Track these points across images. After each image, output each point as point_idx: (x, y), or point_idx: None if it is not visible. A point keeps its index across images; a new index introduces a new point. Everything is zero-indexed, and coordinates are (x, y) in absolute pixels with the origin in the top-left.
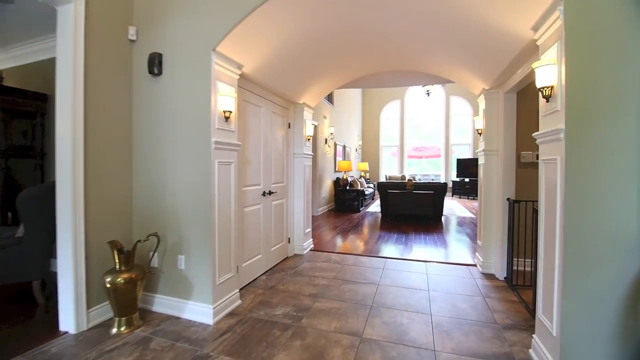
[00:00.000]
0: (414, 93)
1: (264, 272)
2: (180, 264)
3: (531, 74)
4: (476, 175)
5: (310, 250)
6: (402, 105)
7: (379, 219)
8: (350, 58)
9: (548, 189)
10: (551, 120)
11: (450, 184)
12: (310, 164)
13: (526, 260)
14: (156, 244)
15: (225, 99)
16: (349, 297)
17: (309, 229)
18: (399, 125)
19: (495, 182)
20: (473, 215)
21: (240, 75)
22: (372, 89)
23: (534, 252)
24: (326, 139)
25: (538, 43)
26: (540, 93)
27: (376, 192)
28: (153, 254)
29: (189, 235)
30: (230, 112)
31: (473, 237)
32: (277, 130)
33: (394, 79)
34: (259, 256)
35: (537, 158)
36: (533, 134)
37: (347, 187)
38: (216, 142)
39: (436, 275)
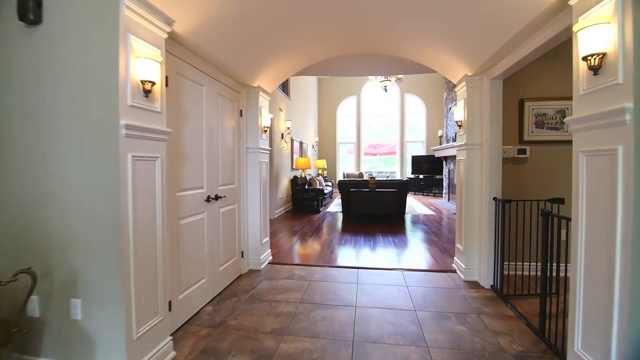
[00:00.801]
0: (370, 89)
1: (211, 301)
2: (75, 312)
3: (536, 52)
4: (429, 172)
5: (269, 263)
6: (359, 102)
7: (342, 220)
8: (315, 32)
9: (594, 189)
10: (604, 99)
11: None
12: (268, 160)
13: (517, 264)
14: (30, 285)
15: (144, 63)
16: (324, 330)
17: (267, 238)
18: (356, 122)
19: (479, 180)
20: (433, 213)
21: (170, 35)
22: (329, 84)
23: (542, 261)
24: (282, 134)
25: (571, 2)
26: (584, 63)
27: (334, 190)
28: (26, 300)
29: (87, 269)
30: (153, 83)
31: (441, 237)
32: (226, 118)
33: (361, 66)
34: (203, 280)
35: (519, 153)
36: (566, 119)
37: (306, 186)
38: (128, 127)
39: (418, 287)
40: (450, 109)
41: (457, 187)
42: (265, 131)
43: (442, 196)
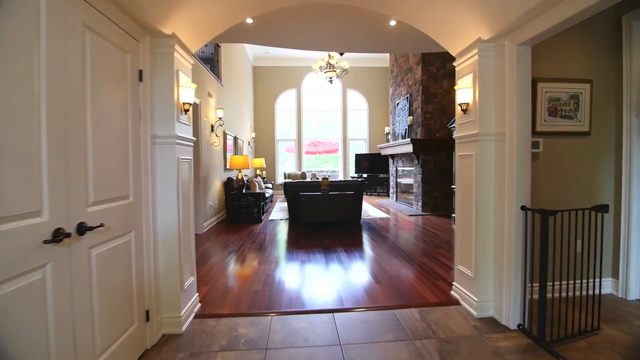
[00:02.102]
0: (312, 82)
1: None
2: None
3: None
4: (373, 171)
5: (197, 317)
6: (299, 95)
7: (290, 231)
8: None
9: None
10: None
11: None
12: (191, 158)
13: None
14: None
15: None
16: None
17: (192, 279)
18: (296, 117)
19: (495, 183)
20: (387, 215)
21: None
22: (267, 73)
23: None
24: (213, 126)
25: None
26: None
27: (275, 193)
28: None
29: None
30: None
31: (413, 247)
32: (107, 78)
33: (320, 33)
34: None
35: (532, 147)
36: None
37: (244, 190)
38: None
39: (427, 339)
40: (397, 104)
41: (460, 192)
42: (187, 111)
43: (388, 196)
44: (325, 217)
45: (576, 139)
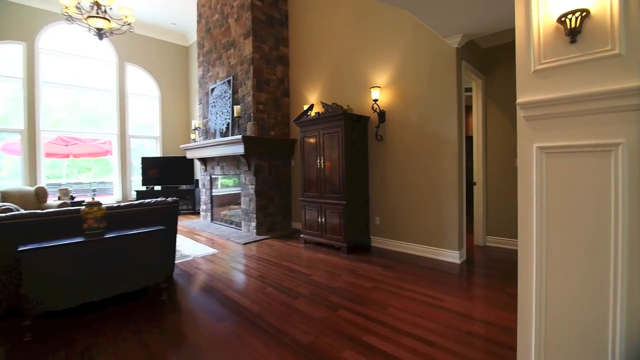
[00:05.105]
0: (59, 38)
1: None
2: None
3: None
4: (170, 180)
5: None
6: (31, 57)
7: None
8: None
9: None
10: None
11: (133, 196)
12: None
13: None
14: None
15: None
16: None
17: None
18: (25, 94)
19: None
20: (212, 249)
21: None
22: None
23: None
24: None
25: None
26: None
27: None
28: None
29: None
30: None
31: (307, 324)
32: None
33: None
34: None
35: None
36: None
37: None
38: None
39: None
40: (212, 90)
41: (545, 229)
42: None
43: (196, 214)
44: (99, 291)
45: None
